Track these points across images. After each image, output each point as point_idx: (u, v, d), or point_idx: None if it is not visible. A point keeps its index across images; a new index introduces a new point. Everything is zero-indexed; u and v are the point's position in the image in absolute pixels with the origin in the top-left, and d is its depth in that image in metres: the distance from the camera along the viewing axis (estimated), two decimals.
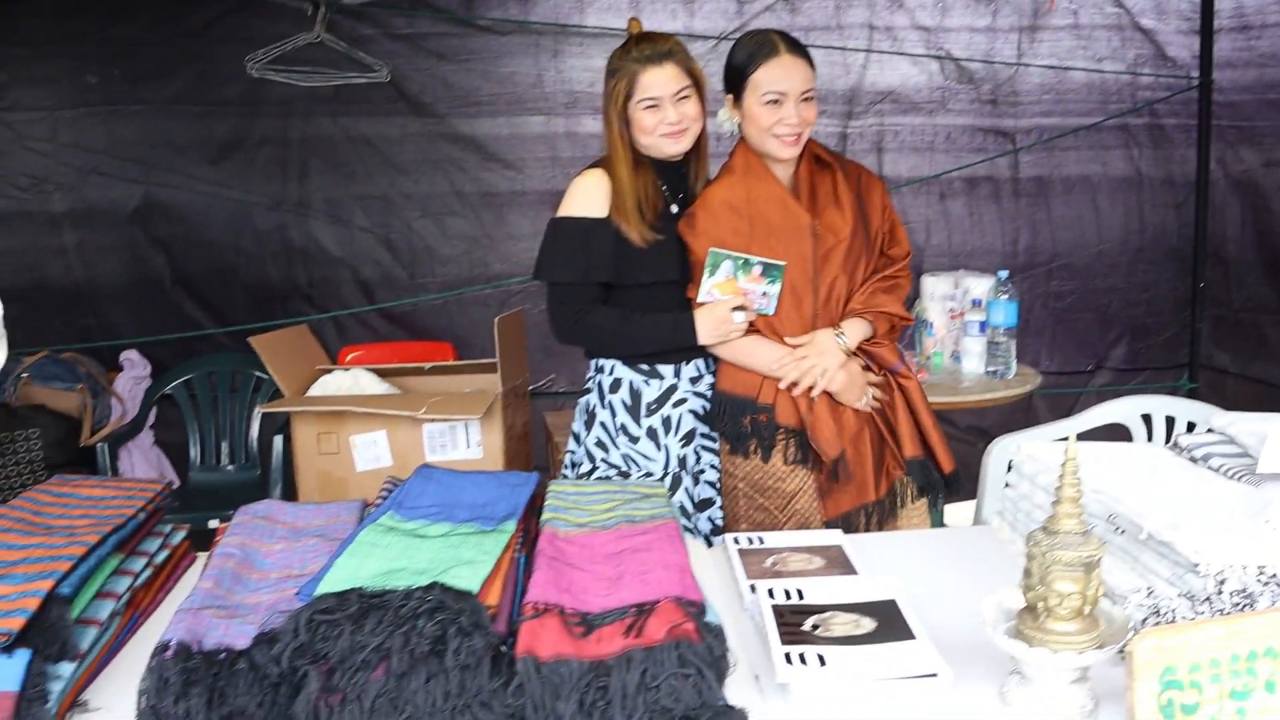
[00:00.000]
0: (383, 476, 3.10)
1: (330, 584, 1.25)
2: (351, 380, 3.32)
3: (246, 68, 3.87)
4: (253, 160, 4.03)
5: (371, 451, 3.12)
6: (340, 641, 1.17)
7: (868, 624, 1.43)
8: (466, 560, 1.29)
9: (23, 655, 1.25)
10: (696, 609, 1.25)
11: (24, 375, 3.71)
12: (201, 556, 1.83)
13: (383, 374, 3.44)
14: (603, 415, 2.33)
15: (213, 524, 3.25)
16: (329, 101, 3.99)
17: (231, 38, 3.92)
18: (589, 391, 2.38)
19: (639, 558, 1.39)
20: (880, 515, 2.30)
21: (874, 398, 2.29)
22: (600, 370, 2.35)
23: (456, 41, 4.01)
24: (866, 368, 2.29)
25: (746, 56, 2.23)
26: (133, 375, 4.04)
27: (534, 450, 3.71)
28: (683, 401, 2.32)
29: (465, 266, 4.08)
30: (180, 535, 1.77)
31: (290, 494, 3.42)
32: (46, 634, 1.30)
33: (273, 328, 3.60)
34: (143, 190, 4.04)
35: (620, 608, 1.26)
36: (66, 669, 1.33)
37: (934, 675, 1.33)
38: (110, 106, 4.03)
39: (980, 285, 3.59)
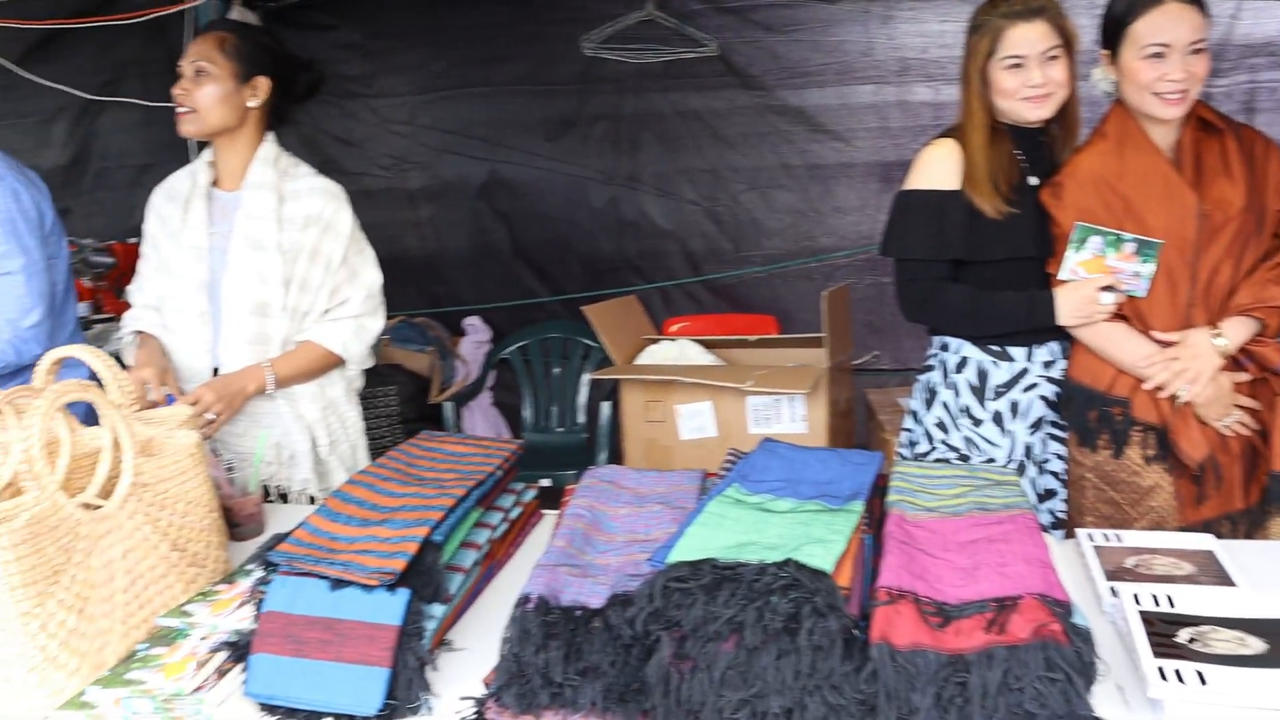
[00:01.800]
0: (706, 447, 3.19)
1: (682, 552, 1.27)
2: (678, 350, 3.39)
3: (581, 48, 4.03)
4: (587, 137, 4.20)
5: (696, 421, 3.17)
6: (693, 610, 1.18)
7: (1256, 644, 1.28)
8: (818, 538, 1.26)
9: (403, 594, 1.35)
10: (1063, 609, 1.16)
11: (384, 337, 4.08)
12: (548, 514, 1.93)
13: (707, 345, 3.49)
14: (945, 395, 2.24)
15: (544, 483, 3.46)
16: (659, 77, 4.07)
17: (567, 20, 4.09)
18: (931, 369, 2.29)
19: (996, 549, 1.31)
20: (1249, 524, 2.07)
21: (1240, 421, 2.04)
22: (945, 348, 2.25)
23: (785, 12, 3.96)
24: (1241, 367, 2.05)
25: (1126, 6, 2.01)
26: (475, 340, 4.34)
27: (855, 427, 3.65)
28: (1033, 386, 2.18)
29: (790, 239, 4.05)
30: (531, 493, 1.86)
31: (616, 458, 3.55)
32: (423, 576, 1.40)
33: (603, 297, 3.74)
34: (488, 167, 4.31)
35: (979, 600, 1.19)
36: (438, 610, 1.43)
37: None
38: (461, 90, 4.32)
39: None
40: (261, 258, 2.22)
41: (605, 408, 3.78)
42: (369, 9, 4.35)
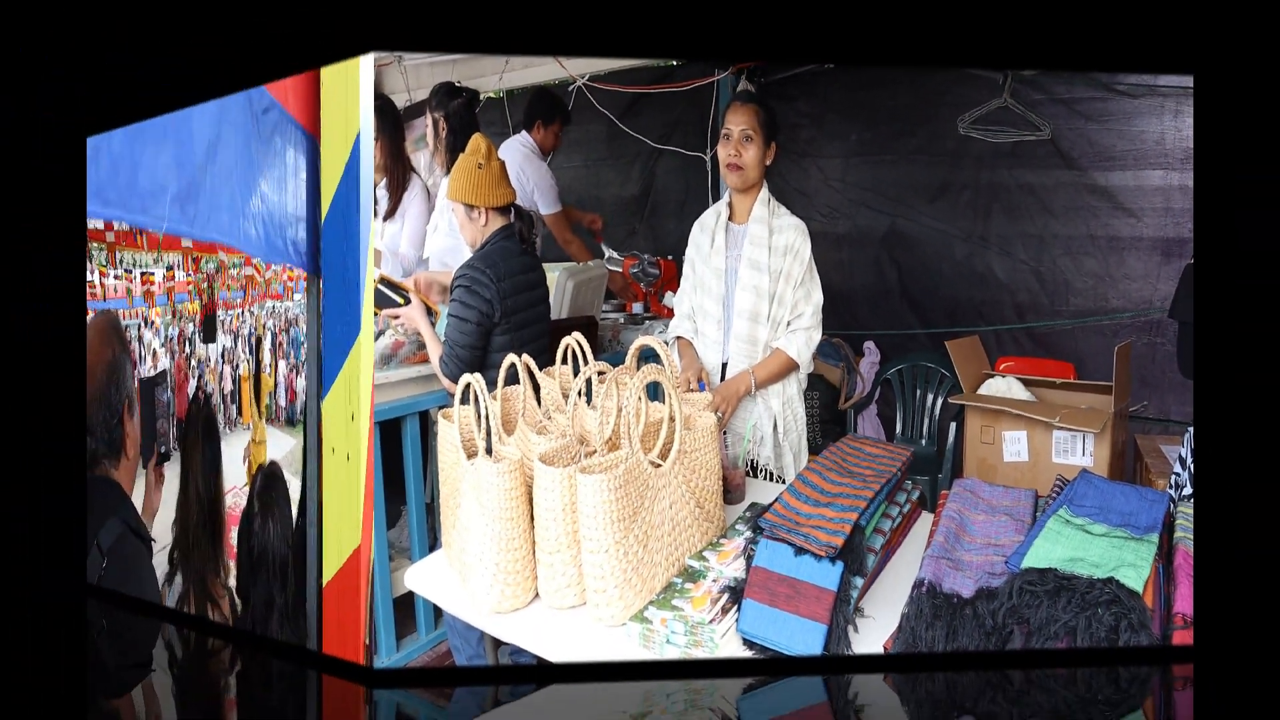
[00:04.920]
0: (1019, 470, 3.27)
1: (1032, 560, 1.36)
2: (1006, 385, 3.48)
3: (958, 126, 4.15)
4: (956, 201, 4.28)
5: (1015, 447, 3.26)
6: (1040, 611, 1.27)
7: None
8: (1130, 562, 1.32)
9: (839, 566, 1.43)
10: None
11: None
12: (924, 515, 1.95)
13: (1026, 383, 3.56)
14: None
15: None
16: (1006, 155, 4.09)
17: (952, 103, 4.18)
18: None
19: None
20: None
21: None
22: None
23: (1100, 104, 3.87)
24: None
25: None
26: (870, 360, 4.51)
27: (1126, 466, 3.56)
28: None
29: (1091, 299, 3.98)
30: (917, 493, 1.89)
31: (956, 471, 3.53)
32: (853, 553, 1.47)
33: (957, 335, 3.89)
34: (889, 221, 4.48)
35: None
36: (858, 582, 1.50)
37: None
38: (874, 156, 4.53)
39: None
40: (759, 277, 2.40)
41: (952, 427, 3.80)
42: (820, 86, 4.60)
